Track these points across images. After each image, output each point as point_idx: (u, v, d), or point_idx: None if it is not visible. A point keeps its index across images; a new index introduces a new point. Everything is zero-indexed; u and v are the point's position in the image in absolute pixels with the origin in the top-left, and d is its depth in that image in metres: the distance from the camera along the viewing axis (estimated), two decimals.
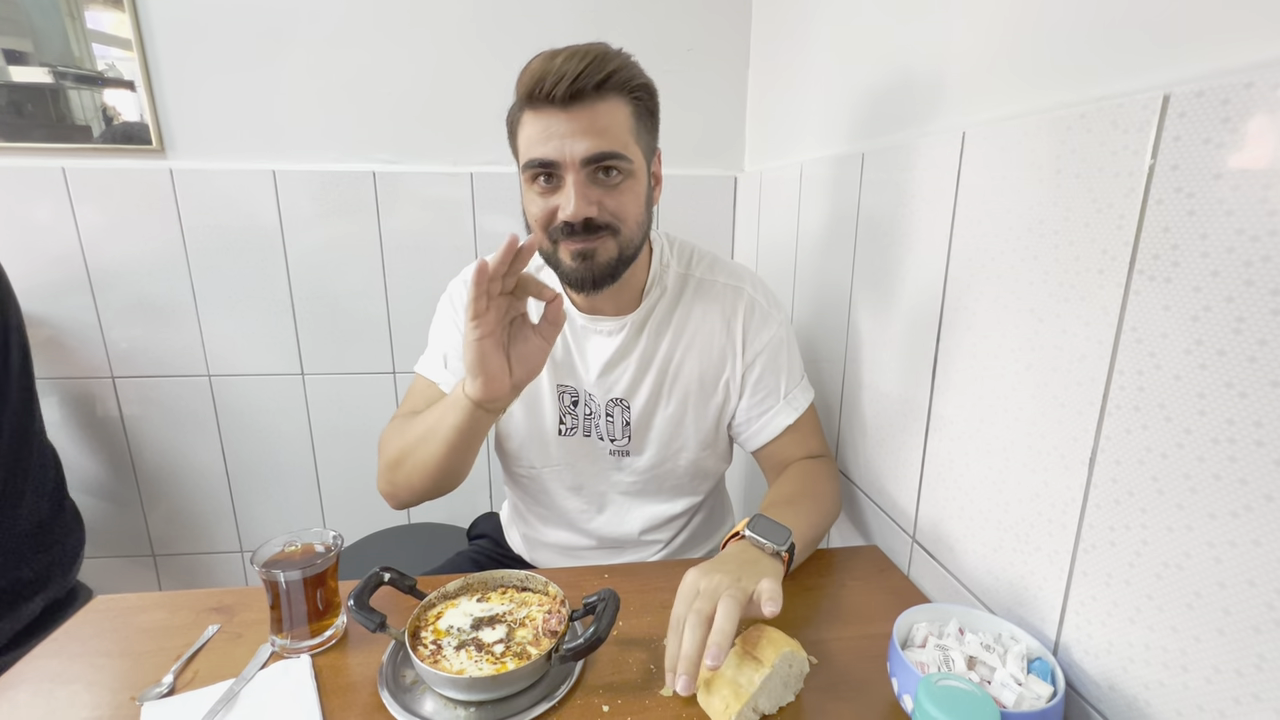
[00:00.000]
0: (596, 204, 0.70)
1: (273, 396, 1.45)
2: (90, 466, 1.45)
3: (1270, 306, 0.38)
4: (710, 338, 0.83)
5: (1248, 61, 0.41)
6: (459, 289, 0.86)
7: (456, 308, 0.84)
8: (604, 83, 0.67)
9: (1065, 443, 0.54)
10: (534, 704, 0.56)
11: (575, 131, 0.67)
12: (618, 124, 0.69)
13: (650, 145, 0.76)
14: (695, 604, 0.55)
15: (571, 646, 0.57)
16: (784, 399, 0.85)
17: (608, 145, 0.68)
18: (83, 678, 0.60)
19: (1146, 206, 0.46)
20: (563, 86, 0.65)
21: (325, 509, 1.55)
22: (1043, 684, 0.51)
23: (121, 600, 0.71)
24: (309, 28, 1.28)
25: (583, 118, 0.67)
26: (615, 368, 0.83)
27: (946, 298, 0.70)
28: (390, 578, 0.64)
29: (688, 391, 0.84)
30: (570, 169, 0.68)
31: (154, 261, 1.35)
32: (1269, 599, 0.39)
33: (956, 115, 0.70)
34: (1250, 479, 0.40)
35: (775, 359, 0.84)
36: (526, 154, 0.70)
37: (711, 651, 0.51)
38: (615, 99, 0.69)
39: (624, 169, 0.71)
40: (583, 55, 0.66)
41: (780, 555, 0.64)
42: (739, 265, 0.88)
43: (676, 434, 0.86)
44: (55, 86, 1.27)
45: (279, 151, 1.33)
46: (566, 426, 0.86)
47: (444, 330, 0.85)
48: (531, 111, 0.69)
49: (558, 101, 0.66)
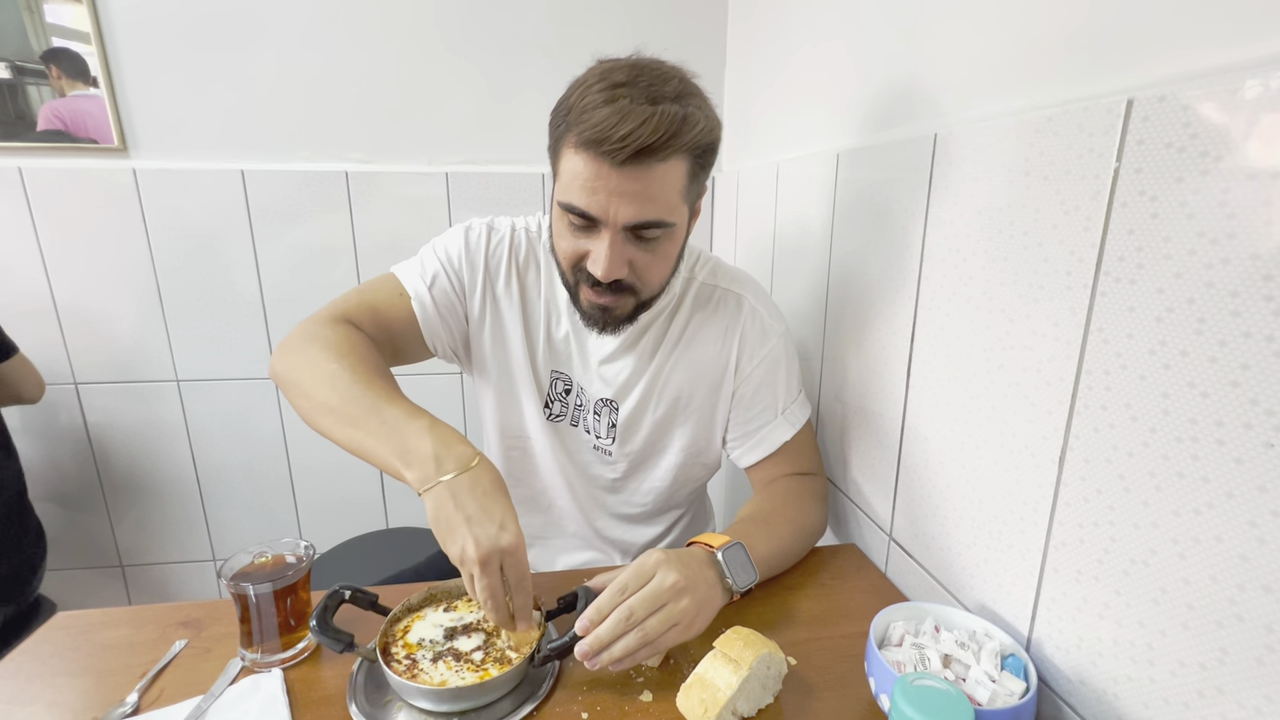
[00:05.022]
0: (628, 263, 0.68)
1: (244, 401, 1.42)
2: (54, 475, 1.40)
3: (1229, 308, 0.39)
4: (707, 347, 0.81)
5: (1207, 67, 0.41)
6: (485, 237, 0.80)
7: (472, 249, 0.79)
8: (670, 151, 0.62)
9: (1035, 441, 0.55)
10: (516, 707, 0.56)
11: (625, 193, 0.63)
12: (670, 188, 0.65)
13: (699, 192, 0.71)
14: (648, 621, 0.56)
15: (554, 645, 0.57)
16: (780, 415, 0.82)
17: (654, 214, 0.65)
18: (42, 698, 0.57)
19: (1112, 209, 0.47)
20: (624, 155, 0.60)
21: (300, 515, 1.52)
22: (1016, 680, 0.52)
23: (84, 616, 0.68)
24: (278, 23, 1.25)
25: (637, 180, 0.63)
26: (610, 366, 0.82)
27: (920, 297, 0.71)
28: (351, 595, 0.62)
29: (679, 397, 0.83)
30: (610, 228, 0.65)
31: (118, 264, 1.31)
32: (1230, 594, 0.40)
33: (929, 118, 0.71)
34: (1212, 477, 0.41)
35: (773, 374, 0.82)
36: (566, 194, 0.66)
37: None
38: (675, 161, 0.64)
39: (664, 231, 0.68)
40: (661, 123, 0.60)
41: (733, 595, 0.64)
42: (740, 271, 0.86)
43: (663, 437, 0.84)
44: (13, 82, 1.22)
45: (247, 151, 1.30)
46: (553, 412, 0.84)
47: (450, 253, 0.79)
48: (583, 152, 0.62)
49: (615, 161, 0.61)
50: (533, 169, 1.37)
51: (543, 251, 0.82)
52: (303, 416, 0.67)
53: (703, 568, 0.62)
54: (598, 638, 0.56)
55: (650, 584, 0.58)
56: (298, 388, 0.68)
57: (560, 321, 0.82)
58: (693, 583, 0.59)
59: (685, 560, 0.61)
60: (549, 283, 0.81)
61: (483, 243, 0.80)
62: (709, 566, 0.63)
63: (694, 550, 0.65)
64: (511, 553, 0.56)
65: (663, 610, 0.57)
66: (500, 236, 0.81)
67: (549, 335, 0.82)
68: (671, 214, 0.66)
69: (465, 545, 0.55)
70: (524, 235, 0.82)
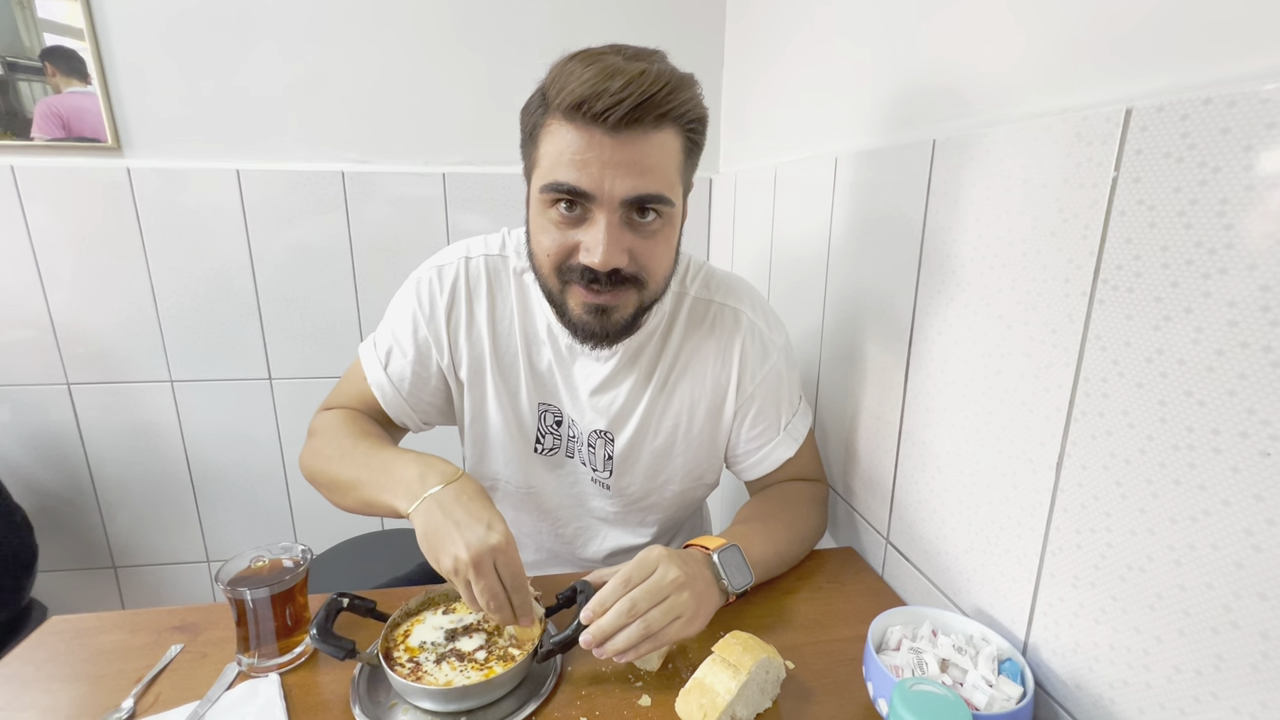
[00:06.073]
0: (627, 251, 0.61)
1: (239, 402, 1.41)
2: (45, 476, 1.39)
3: (1227, 318, 0.40)
4: (705, 366, 0.76)
5: (1206, 78, 0.42)
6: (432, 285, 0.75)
7: (422, 304, 0.75)
8: (664, 114, 0.57)
9: (1033, 447, 0.55)
10: (520, 705, 0.57)
11: (620, 164, 0.57)
12: (666, 161, 0.60)
13: (690, 182, 0.67)
14: (651, 613, 0.56)
15: (557, 640, 0.58)
16: (784, 430, 0.80)
17: (654, 186, 0.59)
18: (37, 704, 0.57)
19: (1110, 217, 0.47)
20: (619, 113, 0.55)
21: (295, 517, 1.51)
22: (1013, 685, 0.52)
23: (78, 620, 0.68)
24: (274, 20, 1.24)
25: (632, 149, 0.57)
26: (603, 396, 0.76)
27: (918, 303, 0.71)
28: (350, 603, 0.62)
29: (677, 424, 0.78)
30: (605, 206, 0.59)
31: (111, 264, 1.30)
32: (1226, 601, 0.40)
33: (928, 123, 0.71)
34: (1209, 485, 0.41)
35: (776, 390, 0.78)
36: (552, 173, 0.59)
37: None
38: (670, 131, 0.59)
39: (664, 212, 0.62)
40: (649, 81, 0.55)
41: (728, 595, 0.65)
42: (735, 278, 0.80)
43: (663, 467, 0.80)
44: (4, 79, 1.21)
45: (243, 150, 1.29)
46: (545, 446, 0.80)
47: (400, 322, 0.76)
48: (566, 123, 0.57)
49: (607, 125, 0.56)
50: None
51: (509, 275, 0.75)
52: (333, 504, 0.72)
53: (700, 567, 0.63)
54: (601, 628, 0.56)
55: (653, 577, 0.58)
56: (316, 481, 0.74)
57: (541, 350, 0.76)
58: (692, 578, 0.60)
59: (684, 558, 0.62)
60: (521, 309, 0.75)
61: (436, 289, 0.74)
62: (706, 567, 0.64)
63: (691, 551, 0.66)
64: (503, 550, 0.57)
65: (665, 602, 0.57)
66: (453, 273, 0.74)
67: (530, 366, 0.76)
68: (671, 190, 0.61)
69: (457, 550, 0.56)
70: (481, 263, 0.75)
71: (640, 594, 0.57)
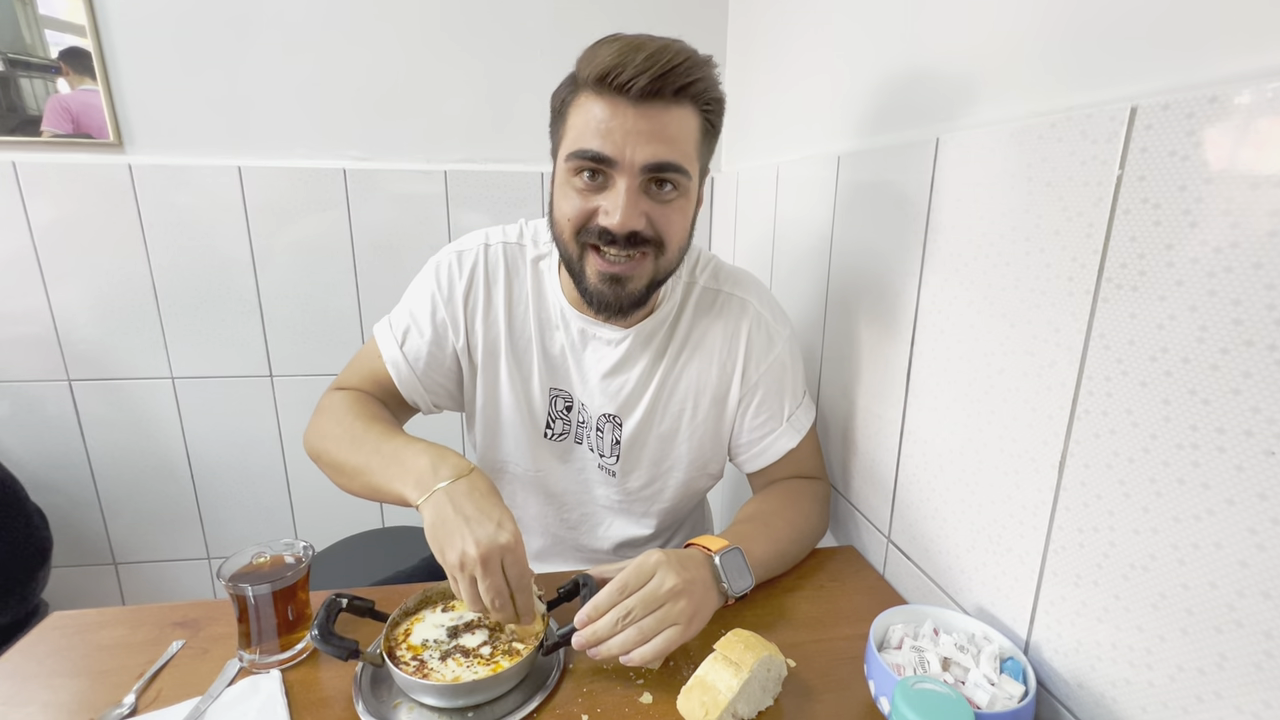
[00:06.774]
0: (644, 215, 0.65)
1: (240, 399, 1.41)
2: (46, 473, 1.39)
3: (1231, 316, 0.39)
4: (711, 354, 0.79)
5: (1212, 76, 0.42)
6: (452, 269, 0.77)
7: (441, 287, 0.77)
8: (683, 89, 0.62)
9: (1036, 446, 0.55)
10: (525, 700, 0.57)
11: (643, 132, 0.61)
12: (685, 135, 0.64)
13: (706, 165, 0.71)
14: (645, 620, 0.57)
15: (562, 632, 0.59)
16: (786, 421, 0.81)
17: (673, 155, 0.63)
18: (38, 699, 0.57)
19: (1115, 216, 0.47)
20: (642, 81, 0.59)
21: (296, 514, 1.51)
22: (1015, 683, 0.52)
23: (80, 616, 0.68)
24: (276, 17, 1.24)
25: (653, 119, 0.62)
26: (614, 381, 0.78)
27: (921, 301, 0.71)
28: (349, 603, 0.62)
29: (683, 409, 0.80)
30: (626, 172, 0.62)
31: (113, 260, 1.30)
32: (1230, 600, 0.40)
33: (931, 121, 0.71)
34: (1213, 483, 0.41)
35: (780, 380, 0.80)
36: (577, 142, 0.63)
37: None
38: (689, 109, 0.64)
39: (680, 185, 0.65)
40: (671, 55, 0.61)
41: (728, 599, 0.65)
42: (742, 271, 0.83)
43: (668, 453, 0.82)
44: (6, 75, 1.21)
45: (245, 147, 1.29)
46: (555, 431, 0.81)
47: (419, 302, 0.78)
48: (594, 96, 0.62)
49: (631, 95, 0.60)
50: (532, 168, 1.36)
51: (526, 263, 0.78)
52: (337, 486, 0.73)
53: (700, 570, 0.63)
54: (594, 633, 0.57)
55: (649, 584, 0.59)
56: (320, 460, 0.74)
57: (554, 334, 0.78)
58: (690, 585, 0.60)
59: (684, 562, 0.62)
60: (536, 295, 0.78)
61: (455, 273, 0.77)
62: (706, 569, 0.64)
63: (692, 552, 0.65)
64: (511, 550, 0.57)
65: (660, 610, 0.58)
66: (473, 258, 0.77)
67: (544, 351, 0.78)
68: (688, 162, 0.65)
69: (465, 546, 0.56)
70: (500, 250, 0.78)
71: (636, 601, 0.57)
